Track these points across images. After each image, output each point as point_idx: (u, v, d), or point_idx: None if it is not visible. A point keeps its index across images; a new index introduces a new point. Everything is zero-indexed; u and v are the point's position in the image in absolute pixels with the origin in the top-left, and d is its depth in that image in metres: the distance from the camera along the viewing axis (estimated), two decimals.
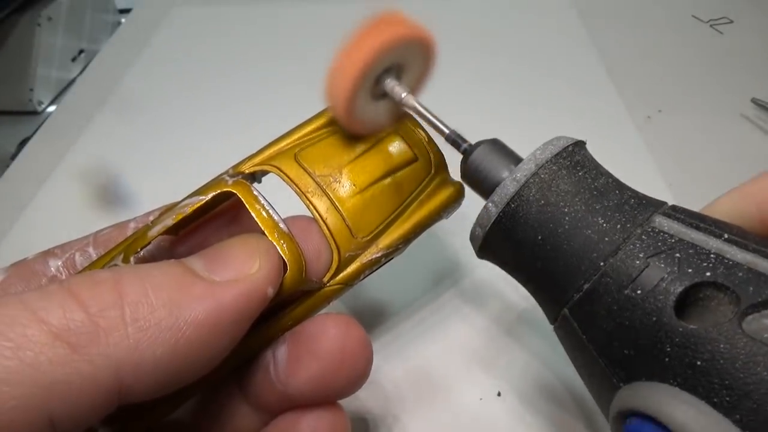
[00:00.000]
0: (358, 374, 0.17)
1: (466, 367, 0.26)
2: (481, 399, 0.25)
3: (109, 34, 0.59)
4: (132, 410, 0.14)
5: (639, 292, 0.14)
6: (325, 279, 0.19)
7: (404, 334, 0.27)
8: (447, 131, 0.18)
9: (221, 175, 0.20)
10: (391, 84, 0.18)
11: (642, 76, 0.45)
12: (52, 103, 0.52)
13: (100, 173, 0.40)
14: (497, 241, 0.17)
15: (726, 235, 0.14)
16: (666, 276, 0.14)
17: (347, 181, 0.20)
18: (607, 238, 0.15)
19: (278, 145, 0.21)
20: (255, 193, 0.18)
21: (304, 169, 0.20)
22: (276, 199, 0.19)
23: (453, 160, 0.22)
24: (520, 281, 0.18)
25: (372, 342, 0.18)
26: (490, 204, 0.17)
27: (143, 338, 0.13)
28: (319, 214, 0.19)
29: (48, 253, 0.20)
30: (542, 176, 0.16)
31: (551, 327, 0.17)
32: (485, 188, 0.18)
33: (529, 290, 0.18)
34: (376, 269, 0.20)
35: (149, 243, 0.18)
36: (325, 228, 0.19)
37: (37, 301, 0.13)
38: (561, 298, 0.16)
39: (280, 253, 0.17)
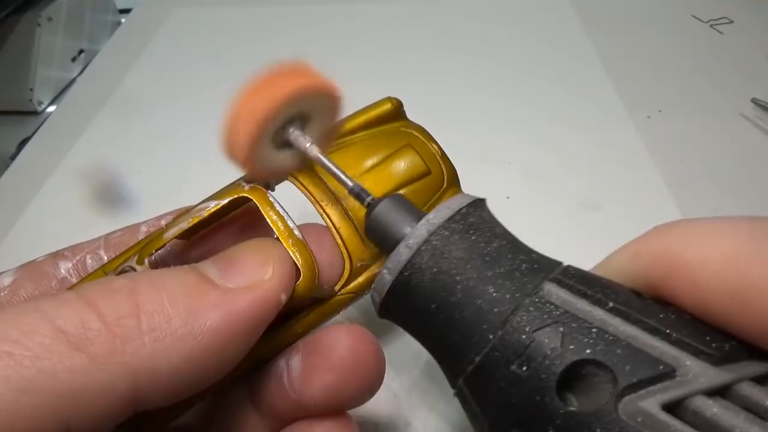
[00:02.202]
0: (372, 383, 0.17)
1: None
2: None
3: (109, 34, 0.59)
4: (143, 415, 0.14)
5: (524, 368, 0.14)
6: (337, 287, 0.19)
7: (411, 340, 0.27)
8: (350, 184, 0.18)
9: (237, 180, 0.20)
10: (295, 134, 0.17)
11: (642, 76, 0.45)
12: (52, 103, 0.52)
13: (100, 173, 0.40)
14: (395, 307, 0.17)
15: (611, 304, 0.14)
16: (549, 353, 0.14)
17: None
18: (496, 309, 0.15)
19: None
20: (271, 199, 0.19)
21: (319, 178, 0.20)
22: (290, 206, 0.19)
23: (462, 173, 0.22)
24: (422, 345, 0.17)
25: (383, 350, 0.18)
26: (385, 270, 0.16)
27: (159, 347, 0.13)
28: (333, 223, 0.20)
29: (58, 255, 0.20)
30: (434, 243, 0.16)
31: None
32: (386, 247, 0.17)
33: (431, 355, 0.17)
34: None
35: (164, 245, 0.18)
36: (338, 237, 0.19)
37: (54, 310, 0.13)
38: (457, 368, 0.15)
39: (294, 259, 0.17)
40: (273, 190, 0.21)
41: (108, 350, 0.13)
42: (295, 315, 0.19)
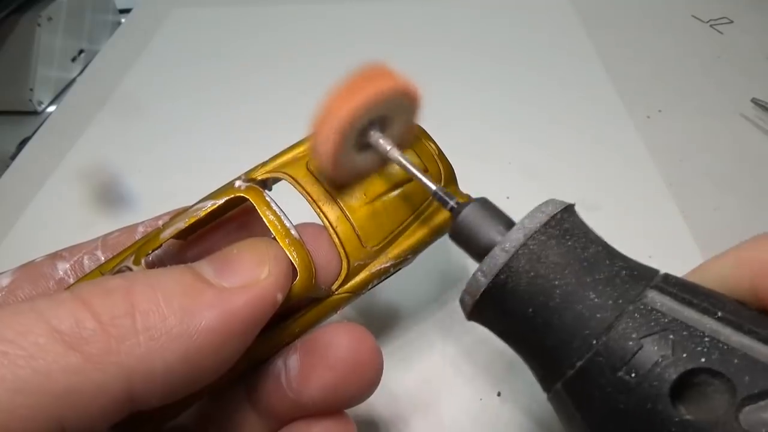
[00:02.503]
0: (370, 382, 0.17)
1: (467, 369, 0.26)
2: (481, 399, 0.25)
3: (109, 34, 0.59)
4: (139, 415, 0.14)
5: (633, 375, 0.14)
6: (334, 287, 0.19)
7: (411, 341, 0.28)
8: (433, 188, 0.18)
9: (233, 180, 0.20)
10: (375, 137, 0.18)
11: (642, 76, 0.45)
12: (52, 103, 0.52)
13: (100, 173, 0.40)
14: (487, 310, 0.17)
15: (719, 313, 0.14)
16: (660, 360, 0.13)
17: (358, 191, 0.20)
18: (599, 315, 0.15)
19: (290, 153, 0.21)
20: (267, 199, 0.19)
21: (316, 178, 0.20)
22: (287, 206, 0.19)
23: (462, 173, 0.22)
24: (512, 348, 0.17)
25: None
26: (480, 273, 0.16)
27: (155, 346, 0.13)
28: (330, 223, 0.20)
29: (56, 256, 0.20)
30: (531, 247, 0.16)
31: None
32: (474, 251, 0.17)
33: (522, 357, 0.17)
34: (385, 279, 0.20)
35: (161, 245, 0.18)
36: (335, 236, 0.19)
37: (49, 310, 0.13)
38: (554, 372, 0.15)
39: (291, 259, 0.17)
40: (270, 189, 0.21)
41: (103, 350, 0.13)
42: (291, 315, 0.19)
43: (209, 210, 0.19)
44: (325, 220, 0.20)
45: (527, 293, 0.16)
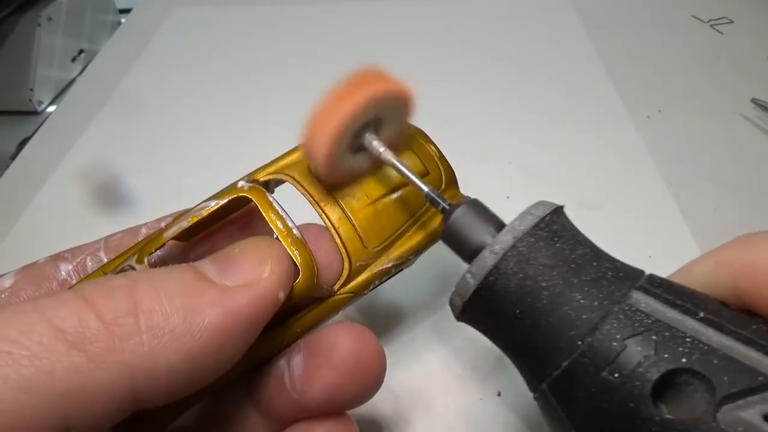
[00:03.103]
0: (373, 382, 0.18)
1: (467, 368, 0.26)
2: (481, 399, 0.25)
3: (109, 34, 0.59)
4: (142, 415, 0.14)
5: (616, 375, 0.14)
6: (336, 287, 0.19)
7: (412, 340, 0.28)
8: (425, 190, 0.18)
9: (236, 181, 0.20)
10: (369, 139, 0.18)
11: (642, 76, 0.45)
12: (52, 103, 0.52)
13: (100, 173, 0.40)
14: (476, 311, 0.17)
15: (701, 314, 0.14)
16: (642, 360, 0.14)
17: (360, 192, 0.20)
18: (584, 316, 0.15)
19: (292, 155, 0.21)
20: (270, 199, 0.19)
21: (318, 180, 0.20)
22: (289, 207, 0.19)
23: (462, 173, 0.22)
24: (501, 349, 0.18)
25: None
26: (469, 275, 0.17)
27: (158, 345, 0.13)
28: (332, 223, 0.20)
29: (58, 257, 0.20)
30: (520, 249, 0.16)
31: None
32: (464, 252, 0.17)
33: (510, 358, 0.18)
34: (386, 280, 0.21)
35: (164, 245, 0.18)
36: (337, 237, 0.20)
37: (52, 309, 0.13)
38: (540, 372, 0.16)
39: (293, 258, 0.17)
40: (272, 191, 0.21)
41: (106, 349, 0.13)
42: (293, 314, 0.19)
43: (212, 210, 0.19)
44: (327, 220, 0.20)
45: (515, 295, 0.16)
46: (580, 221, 0.17)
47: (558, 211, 0.17)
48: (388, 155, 0.18)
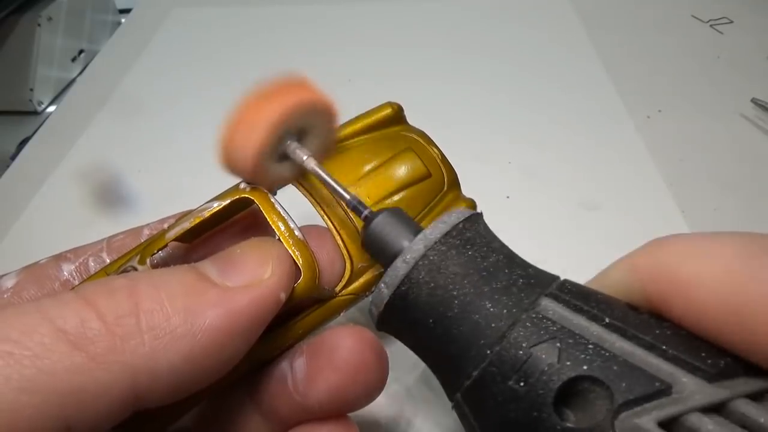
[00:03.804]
0: (376, 384, 0.17)
1: None
2: None
3: (109, 34, 0.59)
4: (143, 415, 0.14)
5: (522, 384, 0.14)
6: (337, 288, 0.19)
7: None
8: (347, 197, 0.18)
9: (239, 182, 0.20)
10: (292, 147, 0.18)
11: (642, 76, 0.45)
12: (52, 103, 0.52)
13: (100, 173, 0.40)
14: (393, 321, 0.17)
15: (607, 320, 0.14)
16: (546, 369, 0.14)
17: (362, 194, 0.20)
18: (494, 324, 0.15)
19: None
20: (272, 200, 0.19)
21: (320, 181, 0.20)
22: (291, 209, 0.19)
23: (462, 173, 0.22)
24: (420, 358, 0.18)
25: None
26: (383, 285, 0.17)
27: (159, 346, 0.13)
28: (334, 225, 0.20)
29: (61, 257, 0.20)
30: (431, 258, 0.16)
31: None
32: (384, 260, 0.17)
33: (428, 367, 0.17)
34: None
35: (166, 245, 0.19)
36: (339, 238, 0.20)
37: (53, 310, 0.13)
38: (454, 382, 0.16)
39: (295, 259, 0.17)
40: (274, 193, 0.21)
41: (108, 349, 0.13)
42: (295, 316, 0.19)
43: (214, 211, 0.19)
44: (329, 222, 0.20)
45: (428, 304, 0.16)
46: (580, 221, 0.17)
47: (473, 218, 0.17)
48: (312, 163, 0.18)
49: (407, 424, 0.25)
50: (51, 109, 0.52)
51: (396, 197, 0.21)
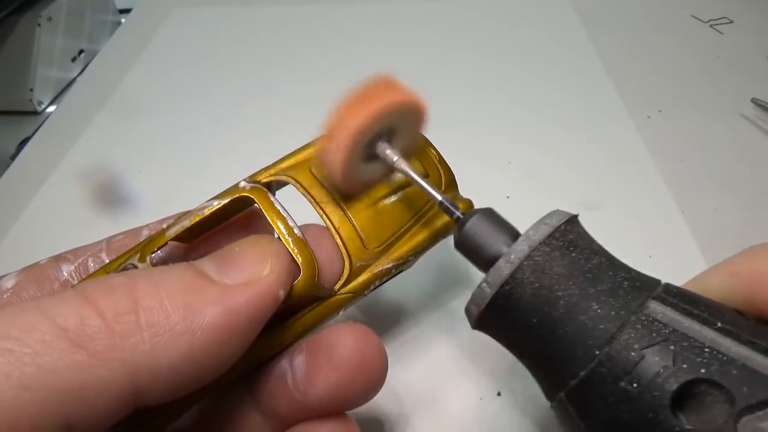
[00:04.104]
0: (375, 382, 0.18)
1: (467, 368, 0.26)
2: (481, 399, 0.25)
3: (109, 34, 0.59)
4: (143, 414, 0.14)
5: (635, 385, 0.14)
6: (336, 287, 0.19)
7: (412, 340, 0.28)
8: (439, 198, 0.18)
9: (238, 182, 0.20)
10: (383, 147, 0.18)
11: (642, 76, 0.45)
12: (52, 103, 0.52)
13: (99, 173, 0.40)
14: (493, 320, 0.17)
15: (719, 324, 0.14)
16: (661, 371, 0.14)
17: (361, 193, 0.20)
18: (602, 326, 0.15)
19: (294, 157, 0.21)
20: (272, 199, 0.19)
21: (319, 181, 0.20)
22: (291, 208, 0.19)
23: (462, 173, 0.22)
24: (517, 357, 0.18)
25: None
26: (485, 284, 0.17)
27: (158, 343, 0.13)
28: (333, 224, 0.20)
29: (60, 258, 0.20)
30: (536, 258, 0.16)
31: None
32: (480, 261, 0.18)
33: (526, 366, 0.18)
34: (387, 280, 0.21)
35: (166, 243, 0.19)
36: (337, 237, 0.20)
37: (53, 308, 0.13)
38: (557, 381, 0.16)
39: (294, 257, 0.17)
40: (273, 193, 0.21)
41: (107, 346, 0.13)
42: (294, 314, 0.19)
43: (214, 209, 0.19)
44: (328, 221, 0.20)
45: (532, 304, 0.16)
46: (580, 221, 0.17)
47: (573, 220, 0.17)
48: (402, 164, 0.18)
49: (406, 422, 0.25)
50: (51, 109, 0.52)
51: (395, 196, 0.21)
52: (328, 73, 0.47)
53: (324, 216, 0.20)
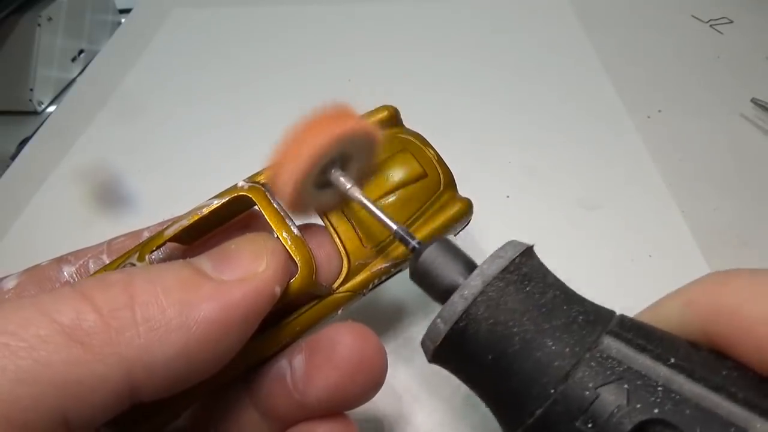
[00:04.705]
0: (375, 382, 0.18)
1: None
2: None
3: (109, 34, 0.59)
4: (140, 412, 0.14)
5: (590, 425, 0.14)
6: (335, 285, 0.19)
7: (411, 339, 0.28)
8: (394, 228, 0.18)
9: (237, 182, 0.20)
10: (336, 175, 0.18)
11: (642, 76, 0.45)
12: (52, 103, 0.52)
13: (99, 173, 0.40)
14: (448, 356, 0.17)
15: (672, 359, 0.14)
16: (615, 411, 0.14)
17: None
18: (557, 363, 0.15)
19: None
20: (270, 199, 0.19)
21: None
22: None
23: (462, 173, 0.22)
24: (475, 393, 0.18)
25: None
26: (439, 320, 0.17)
27: (154, 338, 0.14)
28: (331, 223, 0.20)
29: (61, 260, 0.21)
30: (490, 294, 0.16)
31: None
32: (435, 293, 0.17)
33: (484, 402, 0.17)
34: (385, 279, 0.21)
35: (164, 243, 0.19)
36: (336, 236, 0.20)
37: (50, 303, 0.13)
38: (515, 419, 0.16)
39: (292, 255, 0.17)
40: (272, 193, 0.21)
41: (103, 341, 0.13)
42: (292, 312, 0.19)
43: (213, 208, 0.19)
44: (326, 220, 0.20)
45: (486, 340, 0.16)
46: (580, 221, 0.17)
47: (527, 252, 0.17)
48: (355, 192, 0.18)
49: (406, 423, 0.25)
50: (51, 109, 0.52)
51: (392, 197, 0.21)
52: (328, 73, 0.47)
53: (323, 215, 0.20)
